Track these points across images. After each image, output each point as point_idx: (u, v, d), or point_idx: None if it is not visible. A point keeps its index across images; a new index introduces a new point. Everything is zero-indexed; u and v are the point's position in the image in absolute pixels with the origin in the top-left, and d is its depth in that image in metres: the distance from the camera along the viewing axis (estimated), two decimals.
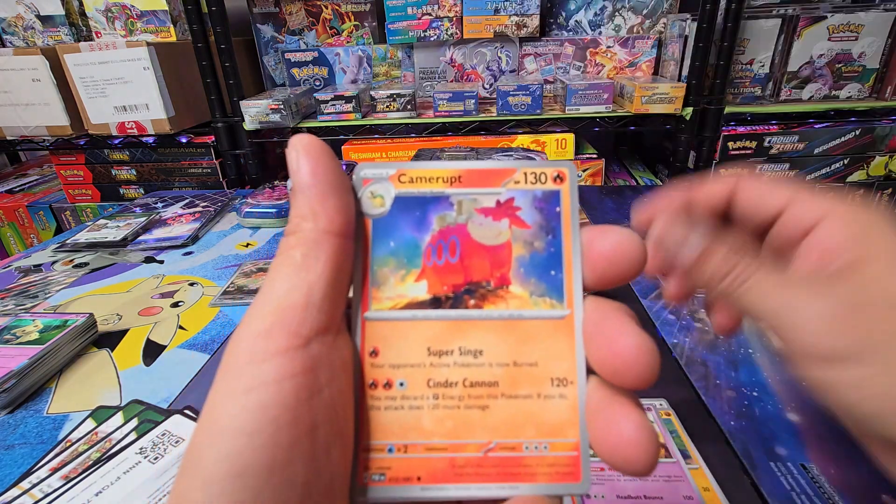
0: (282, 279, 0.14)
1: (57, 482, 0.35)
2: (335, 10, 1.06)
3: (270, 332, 0.13)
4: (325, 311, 0.14)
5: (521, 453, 0.15)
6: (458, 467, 0.15)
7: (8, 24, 0.98)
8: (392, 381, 0.15)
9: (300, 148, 0.15)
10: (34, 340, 0.47)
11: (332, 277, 0.14)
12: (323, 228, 0.14)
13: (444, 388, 0.15)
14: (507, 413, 0.15)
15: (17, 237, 1.07)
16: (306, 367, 0.13)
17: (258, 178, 1.01)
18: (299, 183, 0.15)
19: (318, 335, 0.13)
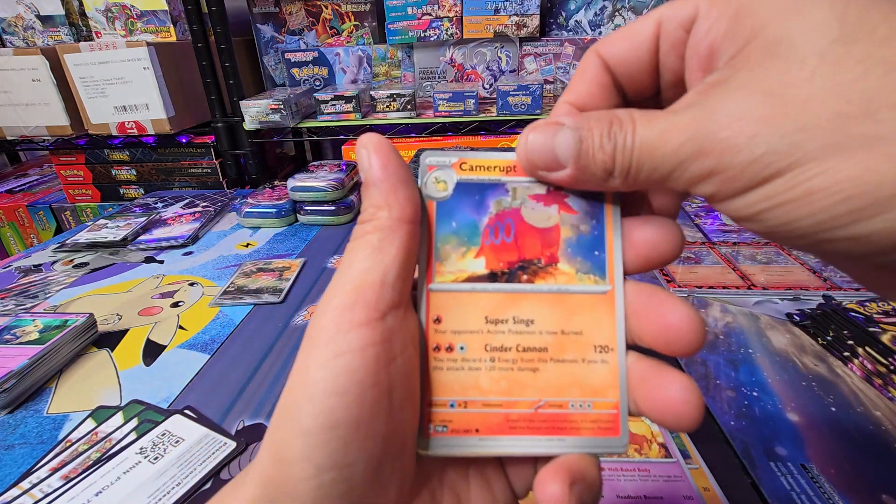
0: (360, 261, 0.15)
1: (57, 482, 0.35)
2: (335, 10, 1.06)
3: (353, 307, 0.15)
4: (397, 288, 0.15)
5: (567, 410, 0.17)
6: (511, 422, 0.17)
7: (8, 24, 0.98)
8: (454, 346, 0.17)
9: (370, 146, 0.16)
10: (34, 340, 0.47)
11: (403, 259, 0.16)
12: (396, 216, 0.16)
13: (499, 352, 0.17)
14: (554, 375, 0.17)
15: (17, 237, 1.07)
16: (384, 337, 0.15)
17: (258, 178, 1.01)
18: (372, 177, 0.16)
19: (392, 309, 0.15)
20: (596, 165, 0.15)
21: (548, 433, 0.17)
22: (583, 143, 0.15)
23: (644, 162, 0.15)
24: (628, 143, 0.15)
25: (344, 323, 0.15)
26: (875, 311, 0.49)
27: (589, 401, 0.17)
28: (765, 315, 0.51)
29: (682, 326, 0.15)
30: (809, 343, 0.47)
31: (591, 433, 0.17)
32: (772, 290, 0.54)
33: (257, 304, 0.57)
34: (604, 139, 0.15)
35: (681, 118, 0.14)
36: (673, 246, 0.17)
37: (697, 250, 0.65)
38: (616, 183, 0.16)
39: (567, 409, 0.17)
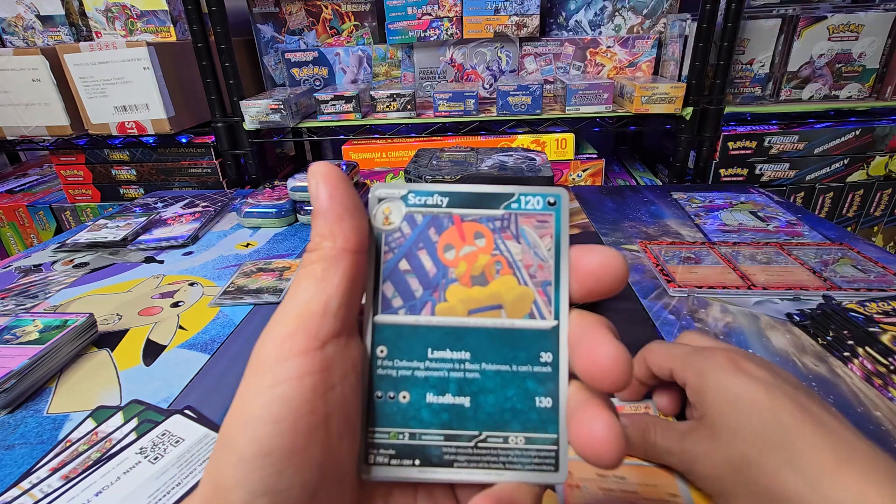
0: (304, 290, 0.16)
1: (57, 482, 0.35)
2: (335, 10, 1.06)
3: (294, 336, 0.15)
4: (339, 317, 0.16)
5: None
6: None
7: (8, 24, 0.98)
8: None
9: (319, 175, 0.17)
10: (34, 340, 0.47)
11: (347, 289, 0.16)
12: (340, 247, 0.16)
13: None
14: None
15: (17, 237, 1.07)
16: (323, 366, 0.15)
17: (258, 178, 1.01)
18: (319, 207, 0.17)
19: (333, 338, 0.16)
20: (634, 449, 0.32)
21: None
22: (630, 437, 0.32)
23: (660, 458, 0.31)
24: (651, 445, 0.32)
25: (283, 352, 0.15)
26: (875, 311, 0.49)
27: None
28: (765, 315, 0.51)
29: (606, 364, 0.16)
30: (809, 343, 0.47)
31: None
32: (772, 290, 0.54)
33: (257, 304, 0.57)
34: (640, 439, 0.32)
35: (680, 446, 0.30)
36: (616, 278, 0.17)
37: (697, 250, 0.65)
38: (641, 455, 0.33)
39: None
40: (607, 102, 0.90)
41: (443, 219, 0.18)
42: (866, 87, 0.92)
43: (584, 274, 0.17)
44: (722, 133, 0.91)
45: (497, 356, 0.17)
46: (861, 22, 0.87)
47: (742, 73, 0.93)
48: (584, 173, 0.98)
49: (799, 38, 0.88)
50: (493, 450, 0.17)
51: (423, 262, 0.18)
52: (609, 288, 0.17)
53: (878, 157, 0.93)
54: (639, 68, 1.04)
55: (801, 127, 0.91)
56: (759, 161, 0.93)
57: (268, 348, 0.15)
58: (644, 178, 1.06)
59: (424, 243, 0.18)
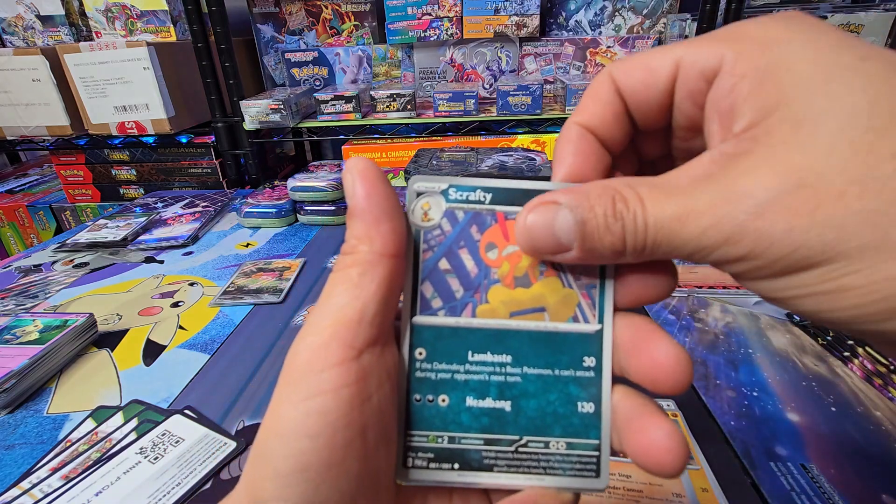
0: (339, 295, 0.15)
1: (57, 482, 0.35)
2: (335, 10, 1.06)
3: (328, 345, 0.14)
4: (376, 325, 0.15)
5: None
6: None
7: (8, 24, 0.98)
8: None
9: (356, 172, 0.16)
10: (34, 340, 0.47)
11: (383, 295, 0.15)
12: (378, 251, 0.15)
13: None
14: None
15: (17, 237, 1.07)
16: (359, 377, 0.15)
17: (258, 178, 1.01)
18: (355, 206, 0.16)
19: (369, 347, 0.15)
20: (604, 247, 0.15)
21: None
22: (586, 224, 0.15)
23: (661, 243, 0.14)
24: (639, 224, 0.14)
25: (318, 362, 0.14)
26: None
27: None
28: (765, 315, 0.51)
29: (668, 365, 0.15)
30: (809, 343, 0.47)
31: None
32: None
33: (257, 304, 0.57)
34: (609, 219, 0.14)
35: (700, 200, 0.13)
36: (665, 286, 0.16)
37: None
38: (627, 260, 0.15)
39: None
40: None
41: (485, 216, 0.17)
42: None
43: (631, 280, 0.16)
44: None
45: (539, 360, 0.17)
46: (861, 22, 0.87)
47: None
48: None
49: None
50: (534, 455, 0.17)
51: (465, 262, 0.17)
52: (658, 294, 0.16)
53: None
54: None
55: None
56: None
57: (302, 357, 0.15)
58: None
59: (466, 242, 0.17)
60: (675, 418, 0.38)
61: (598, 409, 0.17)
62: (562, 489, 0.16)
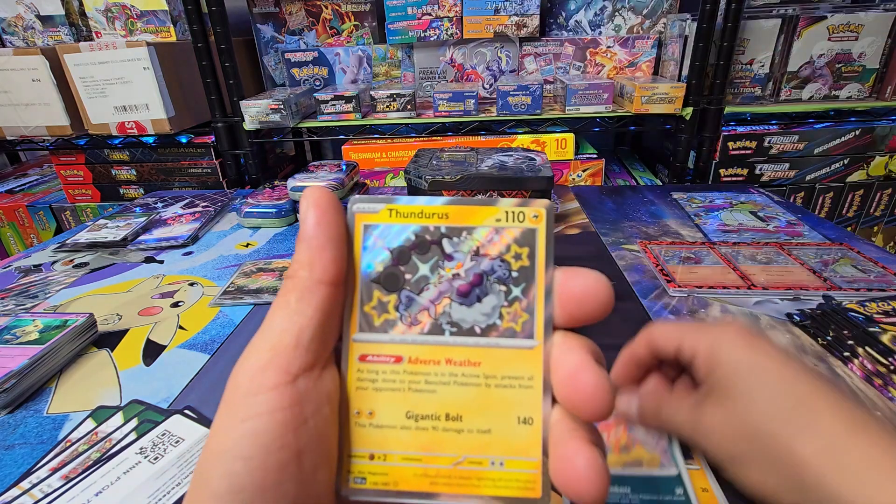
0: (277, 320, 0.16)
1: (57, 482, 0.35)
2: (335, 10, 1.06)
3: (265, 370, 0.15)
4: (312, 350, 0.16)
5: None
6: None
7: (8, 24, 0.98)
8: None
9: (311, 200, 0.16)
10: (34, 340, 0.47)
11: (321, 321, 0.16)
12: (317, 278, 0.16)
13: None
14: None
15: (17, 237, 1.07)
16: (293, 401, 0.15)
17: (258, 178, 1.01)
18: (303, 232, 0.16)
19: (305, 372, 0.15)
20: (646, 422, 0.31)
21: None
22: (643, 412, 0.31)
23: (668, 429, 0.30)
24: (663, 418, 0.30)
25: (254, 386, 0.15)
26: (875, 311, 0.49)
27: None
28: (765, 315, 0.51)
29: (588, 392, 0.15)
30: (809, 343, 0.47)
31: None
32: (772, 290, 0.54)
33: (257, 304, 0.57)
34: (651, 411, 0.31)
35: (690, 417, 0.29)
36: (600, 304, 0.16)
37: (697, 250, 0.65)
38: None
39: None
40: (607, 102, 0.90)
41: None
42: (866, 87, 0.92)
43: (566, 298, 0.17)
44: (722, 133, 0.91)
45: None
46: (861, 22, 0.87)
47: (742, 73, 0.92)
48: (584, 173, 0.98)
49: (799, 38, 0.88)
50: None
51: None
52: (592, 315, 0.16)
53: (878, 157, 0.93)
54: (639, 68, 1.04)
55: (801, 127, 0.91)
56: (759, 161, 0.93)
57: (240, 381, 0.15)
58: (644, 178, 1.06)
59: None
60: None
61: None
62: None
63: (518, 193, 0.69)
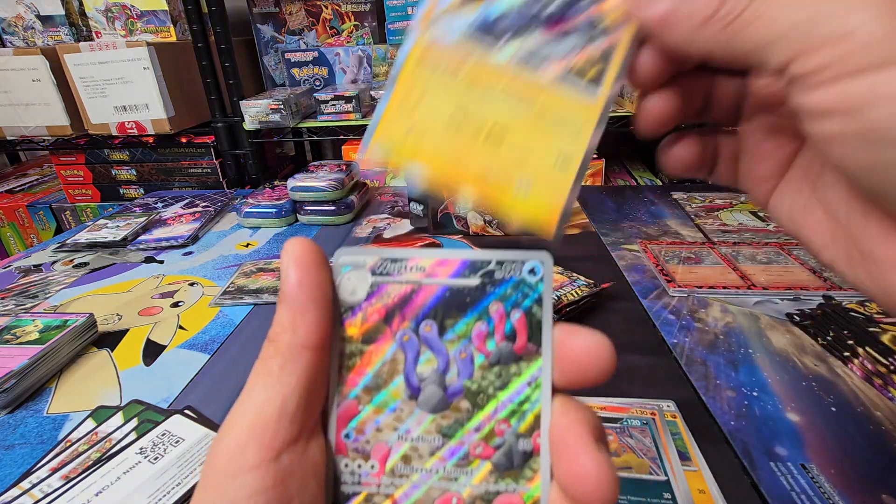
0: (259, 390, 0.14)
1: (57, 482, 0.35)
2: (335, 10, 1.06)
3: (245, 448, 0.14)
4: (297, 421, 0.14)
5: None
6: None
7: (8, 24, 0.98)
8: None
9: (291, 255, 0.15)
10: (34, 340, 0.47)
11: (305, 389, 0.14)
12: (300, 343, 0.15)
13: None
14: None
15: (17, 237, 1.07)
16: (277, 481, 0.14)
17: (258, 178, 1.01)
18: (285, 293, 0.15)
19: (290, 445, 0.14)
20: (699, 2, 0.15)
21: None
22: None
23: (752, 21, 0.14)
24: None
25: (233, 466, 0.14)
26: (875, 311, 0.49)
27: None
28: (765, 315, 0.51)
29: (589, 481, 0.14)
30: (809, 343, 0.47)
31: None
32: (772, 290, 0.54)
33: (257, 304, 0.57)
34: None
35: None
36: (602, 369, 0.15)
37: (697, 250, 0.65)
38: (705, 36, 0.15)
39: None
40: None
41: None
42: None
43: (566, 361, 0.15)
44: None
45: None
46: None
47: None
48: None
49: None
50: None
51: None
52: (593, 380, 0.15)
53: None
54: None
55: None
56: None
57: (218, 461, 0.14)
58: (644, 179, 1.06)
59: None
60: (675, 419, 0.38)
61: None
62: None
63: None
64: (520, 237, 0.71)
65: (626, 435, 0.37)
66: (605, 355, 0.15)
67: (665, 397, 0.40)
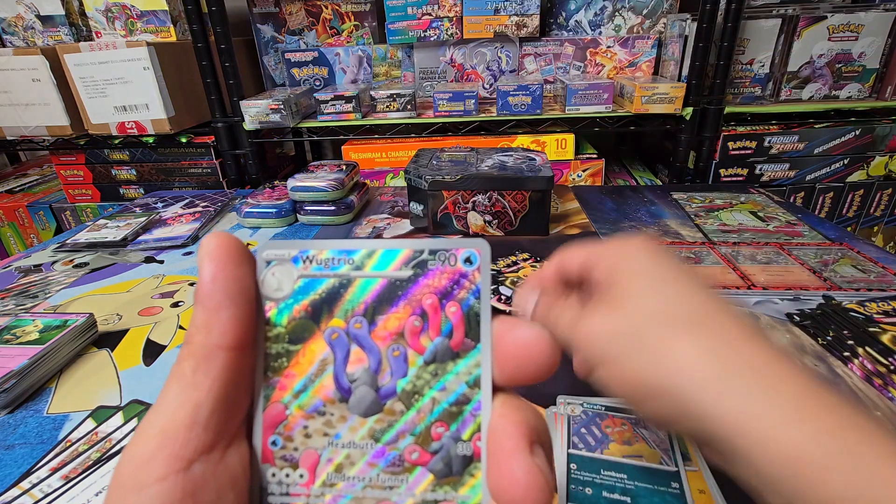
0: (171, 396, 0.13)
1: (57, 482, 0.35)
2: (335, 10, 1.06)
3: (153, 458, 0.13)
4: (211, 428, 0.13)
5: None
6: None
7: (8, 24, 0.98)
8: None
9: (205, 252, 0.14)
10: (34, 340, 0.47)
11: (222, 393, 0.14)
12: (214, 343, 0.14)
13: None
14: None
15: (17, 237, 1.07)
16: (186, 493, 0.13)
17: (258, 178, 1.01)
18: (198, 290, 0.14)
19: (203, 454, 0.13)
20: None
21: None
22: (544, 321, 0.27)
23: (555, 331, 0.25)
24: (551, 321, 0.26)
25: (138, 478, 0.13)
26: (875, 311, 0.49)
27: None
28: (765, 315, 0.51)
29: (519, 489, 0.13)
30: (809, 343, 0.47)
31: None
32: (772, 290, 0.54)
33: None
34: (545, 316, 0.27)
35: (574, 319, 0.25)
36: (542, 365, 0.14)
37: (697, 250, 0.65)
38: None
39: None
40: (607, 102, 0.90)
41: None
42: (866, 87, 0.92)
43: (505, 357, 0.15)
44: (722, 133, 0.91)
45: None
46: (861, 22, 0.87)
47: (742, 73, 0.93)
48: (584, 173, 0.98)
49: (799, 38, 0.88)
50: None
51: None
52: (533, 376, 0.14)
53: (878, 157, 0.93)
54: (639, 68, 1.04)
55: (801, 127, 0.91)
56: (759, 161, 0.93)
57: (123, 473, 0.13)
58: (644, 178, 1.06)
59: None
60: None
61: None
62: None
63: (518, 193, 0.69)
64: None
65: (641, 426, 0.38)
66: (544, 350, 0.14)
67: None
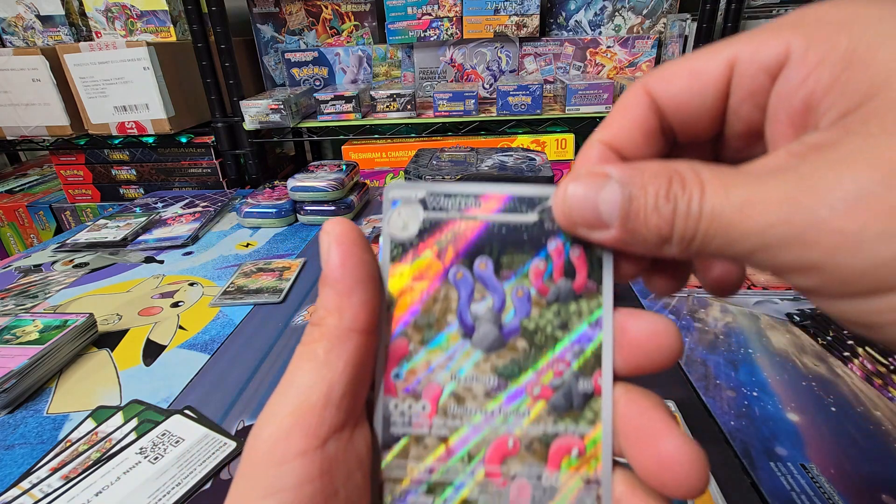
0: (303, 374, 0.14)
1: (57, 482, 0.35)
2: (335, 10, 1.06)
3: (290, 435, 0.13)
4: (343, 408, 0.14)
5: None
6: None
7: (8, 24, 0.98)
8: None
9: (333, 236, 0.14)
10: (34, 340, 0.47)
11: (353, 374, 0.14)
12: (347, 326, 0.14)
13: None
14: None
15: (17, 237, 1.07)
16: (323, 470, 0.13)
17: (258, 178, 1.01)
18: (328, 274, 0.14)
19: (336, 433, 0.13)
20: (648, 230, 0.13)
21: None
22: (633, 202, 0.13)
23: (714, 236, 0.12)
24: (693, 210, 0.12)
25: (277, 454, 0.13)
26: None
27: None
28: (765, 315, 0.51)
29: (678, 465, 0.13)
30: (809, 343, 0.47)
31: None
32: (772, 290, 0.54)
33: (257, 304, 0.57)
34: (660, 200, 0.12)
35: (771, 190, 0.11)
36: (671, 353, 0.14)
37: None
38: (672, 251, 0.13)
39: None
40: (607, 102, 0.90)
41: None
42: None
43: (631, 346, 0.14)
44: None
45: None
46: None
47: None
48: None
49: None
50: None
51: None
52: (661, 365, 0.14)
53: None
54: (639, 68, 1.04)
55: None
56: None
57: (261, 448, 0.13)
58: None
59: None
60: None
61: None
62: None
63: None
64: None
65: None
66: (672, 338, 0.14)
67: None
